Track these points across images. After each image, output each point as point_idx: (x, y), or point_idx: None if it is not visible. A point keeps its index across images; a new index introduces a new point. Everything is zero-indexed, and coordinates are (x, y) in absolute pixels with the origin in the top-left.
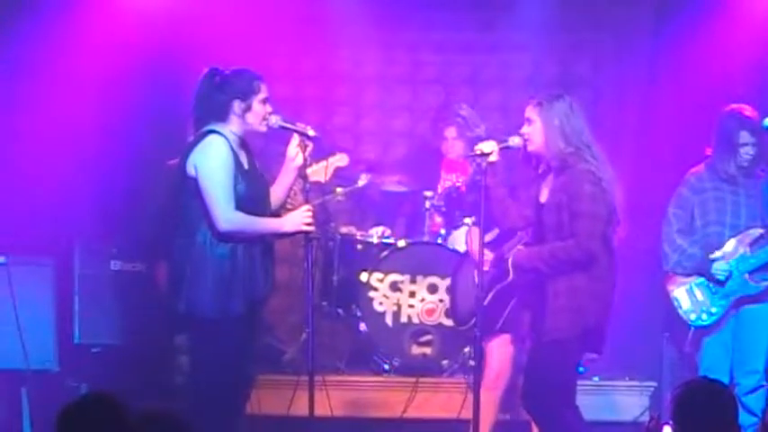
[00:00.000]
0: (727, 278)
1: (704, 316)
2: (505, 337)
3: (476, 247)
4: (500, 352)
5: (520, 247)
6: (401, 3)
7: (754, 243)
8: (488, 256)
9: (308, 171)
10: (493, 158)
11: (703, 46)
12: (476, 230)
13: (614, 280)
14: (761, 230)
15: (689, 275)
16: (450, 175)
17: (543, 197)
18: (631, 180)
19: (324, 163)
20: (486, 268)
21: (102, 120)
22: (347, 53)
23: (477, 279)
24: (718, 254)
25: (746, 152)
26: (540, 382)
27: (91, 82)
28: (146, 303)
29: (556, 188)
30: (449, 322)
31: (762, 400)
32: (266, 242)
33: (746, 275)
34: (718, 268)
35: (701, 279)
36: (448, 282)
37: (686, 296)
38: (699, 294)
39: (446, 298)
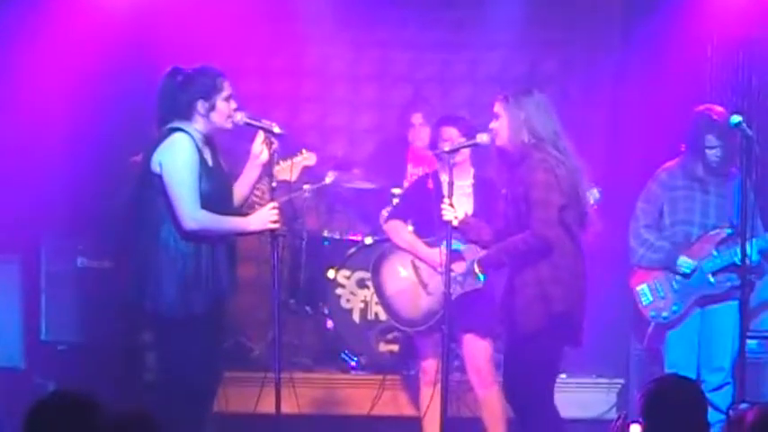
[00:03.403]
0: (692, 273)
1: (664, 313)
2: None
3: (401, 241)
4: (437, 350)
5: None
6: (371, 0)
7: (722, 243)
8: (436, 254)
9: (276, 169)
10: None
11: (672, 45)
12: (398, 224)
13: (582, 268)
14: (728, 230)
15: (654, 269)
16: (416, 168)
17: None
18: (599, 179)
19: (291, 161)
20: (440, 270)
21: (69, 116)
22: (316, 49)
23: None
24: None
25: (714, 154)
26: (519, 379)
27: (57, 79)
28: (112, 300)
29: (515, 181)
30: None
31: (728, 397)
32: (230, 240)
33: (710, 275)
34: (684, 262)
35: (666, 274)
36: None
37: (648, 292)
38: (661, 291)
39: None
